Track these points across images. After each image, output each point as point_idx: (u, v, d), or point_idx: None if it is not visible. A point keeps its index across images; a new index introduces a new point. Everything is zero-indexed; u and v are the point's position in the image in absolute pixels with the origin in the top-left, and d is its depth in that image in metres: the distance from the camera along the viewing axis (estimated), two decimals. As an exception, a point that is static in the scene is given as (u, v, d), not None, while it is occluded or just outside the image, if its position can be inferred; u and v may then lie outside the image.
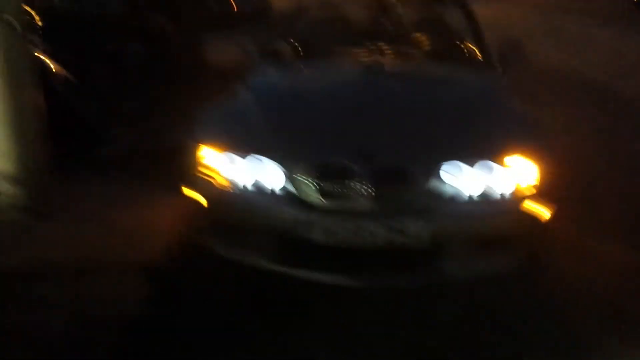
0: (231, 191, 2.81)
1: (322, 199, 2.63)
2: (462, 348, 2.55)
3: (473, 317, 2.76)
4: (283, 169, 2.73)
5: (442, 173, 2.68)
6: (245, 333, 2.63)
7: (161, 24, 6.95)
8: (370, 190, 2.60)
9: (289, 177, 2.71)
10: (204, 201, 2.90)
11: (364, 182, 2.61)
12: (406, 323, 2.72)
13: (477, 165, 2.72)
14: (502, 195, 2.74)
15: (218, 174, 2.85)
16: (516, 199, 2.74)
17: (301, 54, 4.27)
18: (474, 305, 2.86)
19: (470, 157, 2.75)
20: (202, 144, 2.95)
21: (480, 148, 2.81)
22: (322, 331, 2.65)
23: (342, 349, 2.53)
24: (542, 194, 2.79)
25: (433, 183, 2.65)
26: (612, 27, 11.59)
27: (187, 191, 3.00)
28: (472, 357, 2.49)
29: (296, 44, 4.48)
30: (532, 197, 2.76)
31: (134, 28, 6.56)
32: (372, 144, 2.76)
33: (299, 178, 2.68)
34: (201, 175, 2.91)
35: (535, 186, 2.77)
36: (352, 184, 2.62)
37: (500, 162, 2.74)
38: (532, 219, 2.79)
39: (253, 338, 2.60)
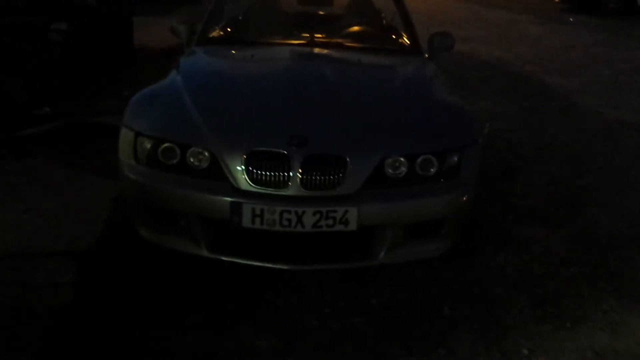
0: (157, 175, 2.79)
1: (251, 184, 2.64)
2: (394, 331, 2.62)
3: (404, 301, 2.83)
4: (212, 153, 2.72)
5: (371, 158, 2.73)
6: (177, 319, 2.62)
7: (88, 0, 6.74)
8: (300, 175, 2.63)
9: (218, 162, 2.70)
10: (131, 185, 2.86)
11: (293, 167, 2.63)
12: (339, 307, 2.76)
13: (407, 152, 2.78)
14: (430, 181, 2.81)
15: (145, 157, 2.82)
16: (445, 184, 2.82)
17: (235, 40, 4.25)
18: (404, 289, 2.93)
19: (400, 143, 2.81)
20: (130, 127, 2.90)
21: (410, 135, 2.88)
22: (255, 317, 2.65)
23: (277, 334, 2.55)
24: (471, 181, 2.89)
25: (362, 168, 2.70)
26: (541, 23, 12.02)
27: (115, 174, 2.95)
28: (403, 340, 2.56)
29: (229, 29, 4.46)
30: (460, 184, 2.85)
31: (58, 4, 6.34)
32: (303, 129, 2.78)
33: (228, 163, 2.68)
34: (128, 159, 2.87)
35: (464, 173, 2.86)
36: (282, 168, 2.64)
37: (429, 149, 2.81)
38: (461, 204, 2.88)
39: (185, 323, 2.59)
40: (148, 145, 2.81)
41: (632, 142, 5.30)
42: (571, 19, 12.59)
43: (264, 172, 2.64)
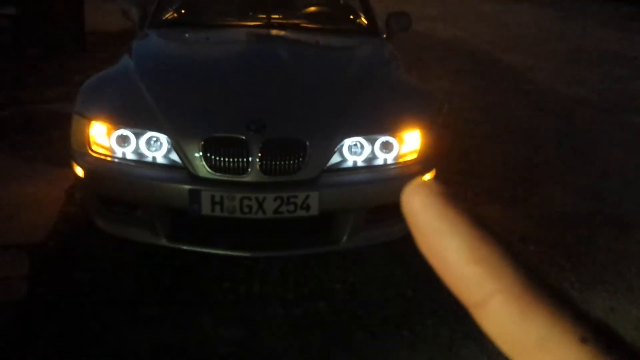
0: (113, 164, 2.71)
1: (210, 171, 2.59)
2: (358, 316, 2.61)
3: (367, 285, 2.83)
4: (168, 140, 2.65)
5: (331, 142, 2.70)
6: (136, 311, 2.56)
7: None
8: (259, 161, 2.58)
9: (175, 149, 2.64)
10: (85, 174, 2.78)
11: (252, 153, 2.58)
12: (302, 294, 2.74)
13: (366, 134, 2.77)
14: (391, 163, 2.80)
15: (99, 146, 2.74)
16: (406, 167, 2.81)
17: (189, 23, 4.16)
18: (367, 272, 2.93)
19: (360, 125, 2.78)
20: (81, 114, 2.81)
21: (369, 117, 2.86)
22: (216, 307, 2.62)
23: (240, 324, 2.52)
24: (431, 162, 2.89)
25: (322, 152, 2.67)
26: (497, 1, 12.10)
27: (68, 164, 2.86)
28: (367, 324, 2.56)
29: (184, 12, 4.36)
30: (420, 165, 2.85)
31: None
32: (262, 113, 2.73)
33: (186, 149, 2.62)
34: (81, 148, 2.78)
35: (423, 154, 2.85)
36: (240, 154, 2.59)
37: (388, 131, 2.80)
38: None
39: (144, 315, 2.54)
40: (101, 133, 2.73)
41: (586, 118, 5.39)
42: (526, -3, 12.72)
43: (222, 159, 2.59)
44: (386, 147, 2.77)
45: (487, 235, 0.26)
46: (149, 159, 2.68)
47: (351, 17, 4.45)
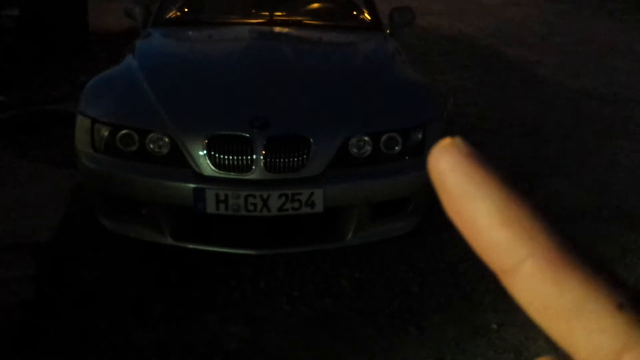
0: (117, 163, 2.71)
1: (214, 169, 2.58)
2: (364, 312, 2.61)
3: (373, 281, 2.83)
4: (172, 138, 2.65)
5: (335, 138, 2.69)
6: (142, 309, 2.57)
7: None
8: (263, 158, 2.58)
9: (179, 148, 2.64)
10: (89, 174, 2.78)
11: (256, 150, 2.58)
12: (308, 290, 2.74)
13: (371, 130, 2.76)
14: (395, 159, 2.79)
15: (103, 145, 2.74)
16: (410, 162, 2.80)
17: (192, 21, 4.16)
18: (373, 268, 2.93)
19: (364, 122, 2.78)
20: (85, 114, 2.82)
21: (373, 113, 2.85)
22: (223, 304, 2.62)
23: (246, 321, 2.52)
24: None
25: (326, 149, 2.66)
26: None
27: (73, 163, 2.87)
28: (374, 320, 2.56)
29: (187, 11, 4.35)
30: (425, 160, 2.83)
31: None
32: (265, 111, 2.73)
33: (190, 148, 2.62)
34: (85, 147, 2.78)
35: (428, 150, 2.84)
36: (244, 152, 2.59)
37: (393, 127, 2.79)
38: (427, 181, 2.86)
39: (150, 314, 2.54)
40: (105, 133, 2.73)
41: (592, 112, 5.36)
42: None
43: (226, 157, 2.59)
44: (390, 142, 2.76)
45: (519, 197, 0.25)
46: (153, 158, 2.68)
47: (354, 12, 4.44)
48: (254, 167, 2.58)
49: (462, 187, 0.25)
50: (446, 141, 0.27)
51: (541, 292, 0.24)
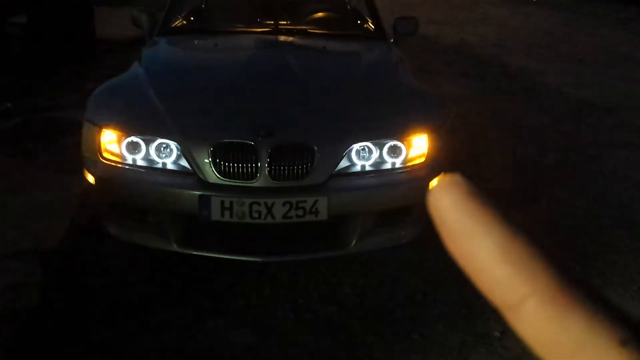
0: (123, 171, 2.74)
1: (219, 176, 2.61)
2: (368, 319, 2.62)
3: (376, 288, 2.84)
4: (178, 146, 2.68)
5: (339, 147, 2.72)
6: (147, 316, 2.58)
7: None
8: (268, 166, 2.60)
9: (184, 155, 2.66)
10: (96, 181, 2.81)
11: (261, 158, 2.61)
12: (312, 298, 2.75)
13: (375, 138, 2.78)
14: (399, 168, 2.81)
15: (109, 153, 2.77)
16: (414, 172, 2.82)
17: (198, 30, 4.19)
18: (376, 276, 2.94)
19: (368, 130, 2.80)
20: (92, 121, 2.84)
21: (377, 121, 2.87)
22: (227, 312, 2.63)
23: (250, 328, 2.53)
24: (439, 166, 2.89)
25: (331, 157, 2.69)
26: (504, 4, 12.09)
27: (80, 171, 2.89)
28: (378, 328, 2.57)
29: (192, 18, 4.39)
30: (429, 169, 2.85)
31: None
32: (270, 119, 2.76)
33: (195, 156, 2.64)
34: (92, 155, 2.81)
35: (432, 159, 2.86)
36: (249, 160, 2.61)
37: (396, 135, 2.81)
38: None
39: (155, 320, 2.56)
40: (112, 140, 2.76)
41: (594, 121, 5.38)
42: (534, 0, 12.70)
43: (231, 164, 2.61)
44: (394, 151, 2.78)
45: (520, 235, 0.25)
46: (159, 166, 2.71)
47: (358, 22, 4.47)
48: (258, 175, 2.60)
49: (463, 224, 0.25)
50: (446, 178, 0.27)
51: (544, 329, 0.24)
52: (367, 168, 2.76)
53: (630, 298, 2.81)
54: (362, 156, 2.74)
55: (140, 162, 2.72)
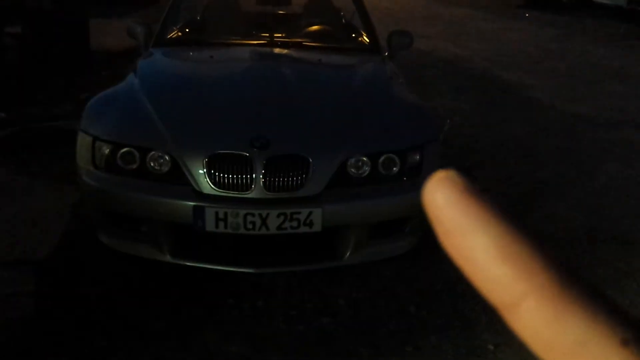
0: (117, 181, 2.74)
1: (214, 187, 2.61)
2: (362, 331, 2.62)
3: (370, 300, 2.84)
4: (173, 157, 2.68)
5: (334, 159, 2.73)
6: (142, 327, 2.57)
7: (42, 4, 6.58)
8: (262, 177, 2.61)
9: (179, 166, 2.67)
10: (90, 191, 2.80)
11: (256, 169, 2.61)
12: (306, 309, 2.75)
13: (369, 151, 2.79)
14: (393, 180, 2.82)
15: (104, 163, 2.77)
16: (408, 183, 2.83)
17: (194, 41, 4.21)
18: (370, 288, 2.94)
19: (362, 143, 2.82)
20: (87, 131, 2.85)
21: (371, 134, 2.89)
22: (221, 322, 2.63)
23: (244, 339, 2.53)
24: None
25: (325, 169, 2.70)
26: (497, 19, 12.18)
27: (74, 181, 2.89)
28: (371, 340, 2.57)
29: (188, 30, 4.41)
30: (423, 181, 2.86)
31: (12, 7, 6.18)
32: (265, 131, 2.77)
33: (190, 166, 2.64)
34: (86, 165, 2.81)
35: (426, 171, 2.87)
36: (244, 171, 2.62)
37: (391, 148, 2.83)
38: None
39: (149, 331, 2.54)
40: (106, 150, 2.76)
41: (587, 135, 5.41)
42: (527, 15, 12.81)
43: (226, 175, 2.62)
44: (388, 164, 2.80)
45: (517, 232, 0.24)
46: (154, 176, 2.71)
47: (353, 35, 4.51)
48: (253, 186, 2.61)
49: (459, 221, 0.24)
50: (441, 174, 0.26)
51: (543, 329, 0.23)
52: (362, 180, 2.77)
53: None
54: (356, 168, 2.76)
55: (134, 173, 2.72)
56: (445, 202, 0.25)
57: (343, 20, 4.84)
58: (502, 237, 0.24)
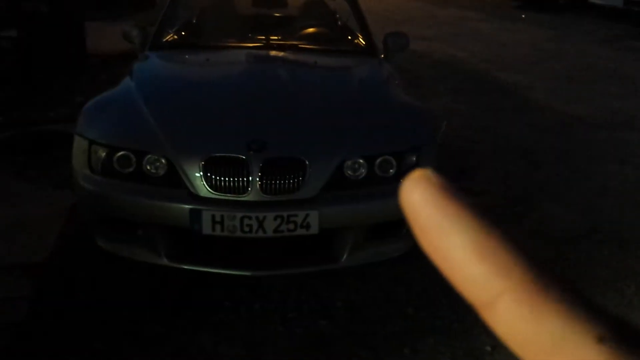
0: (114, 184, 2.73)
1: (210, 190, 2.61)
2: (359, 333, 2.61)
3: (368, 302, 2.84)
4: (169, 160, 2.67)
5: (330, 161, 2.72)
6: (138, 330, 2.56)
7: (38, 7, 6.57)
8: (259, 180, 2.60)
9: (175, 169, 2.66)
10: (86, 195, 2.80)
11: (252, 172, 2.61)
12: (303, 312, 2.74)
13: (366, 153, 2.79)
14: (390, 182, 2.82)
15: (100, 166, 2.76)
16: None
17: (190, 44, 4.20)
18: (368, 290, 2.94)
19: (359, 145, 2.81)
20: (83, 135, 2.84)
21: (368, 136, 2.89)
22: (217, 325, 2.62)
23: (241, 342, 2.52)
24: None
25: (322, 171, 2.69)
26: (493, 20, 12.20)
27: (70, 184, 2.88)
28: (369, 342, 2.56)
29: (184, 33, 4.41)
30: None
31: (8, 11, 6.17)
32: (261, 133, 2.76)
33: (186, 169, 2.64)
34: (82, 168, 2.80)
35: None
36: (240, 174, 2.61)
37: (387, 150, 2.82)
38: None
39: (146, 335, 2.54)
40: (102, 154, 2.75)
41: (584, 136, 5.42)
42: (523, 16, 12.82)
43: (222, 178, 2.61)
44: (385, 165, 2.79)
45: (493, 230, 0.24)
46: (150, 179, 2.70)
47: (349, 37, 4.50)
48: (249, 189, 2.60)
49: (436, 220, 0.25)
50: (418, 173, 0.26)
51: (520, 326, 0.23)
52: (358, 182, 2.76)
53: (620, 314, 2.82)
54: (353, 170, 2.75)
55: (130, 176, 2.72)
56: (421, 200, 0.25)
57: (339, 23, 4.84)
58: (478, 235, 0.24)
